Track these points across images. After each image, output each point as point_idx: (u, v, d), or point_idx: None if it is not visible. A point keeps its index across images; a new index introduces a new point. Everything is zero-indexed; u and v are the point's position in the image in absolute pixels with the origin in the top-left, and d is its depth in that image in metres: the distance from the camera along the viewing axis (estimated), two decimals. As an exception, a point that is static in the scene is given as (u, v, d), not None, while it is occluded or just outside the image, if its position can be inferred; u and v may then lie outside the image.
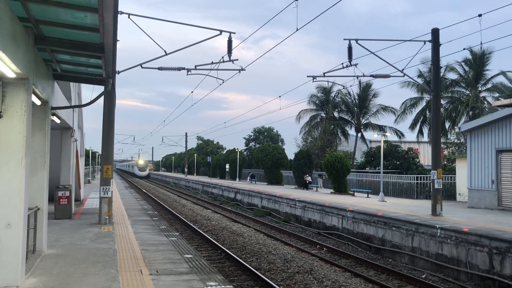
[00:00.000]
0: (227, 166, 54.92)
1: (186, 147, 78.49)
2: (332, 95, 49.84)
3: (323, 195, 27.55)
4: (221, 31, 15.41)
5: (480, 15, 15.96)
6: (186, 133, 75.10)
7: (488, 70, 37.01)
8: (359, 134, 48.30)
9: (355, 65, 17.90)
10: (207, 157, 67.60)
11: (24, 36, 7.03)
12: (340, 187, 30.41)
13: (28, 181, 7.54)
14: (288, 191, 31.58)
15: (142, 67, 16.70)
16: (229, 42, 15.87)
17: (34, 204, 9.57)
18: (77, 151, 22.58)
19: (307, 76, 20.28)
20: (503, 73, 36.79)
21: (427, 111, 39.15)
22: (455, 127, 36.54)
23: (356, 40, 17.16)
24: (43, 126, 10.02)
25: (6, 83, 7.17)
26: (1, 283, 6.98)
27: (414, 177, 28.72)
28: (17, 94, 7.23)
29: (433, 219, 15.73)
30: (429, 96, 38.09)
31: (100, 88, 13.15)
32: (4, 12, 5.79)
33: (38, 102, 9.37)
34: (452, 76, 38.96)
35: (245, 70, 18.70)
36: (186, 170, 74.46)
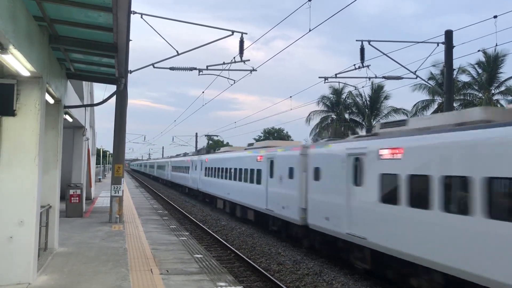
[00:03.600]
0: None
1: (196, 147, 78.68)
2: (343, 96, 49.61)
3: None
4: (233, 32, 15.44)
5: (495, 17, 15.77)
6: (196, 133, 75.35)
7: (502, 72, 36.54)
8: (370, 136, 47.95)
9: (367, 66, 17.82)
10: (216, 157, 67.55)
11: (39, 35, 7.09)
12: (350, 189, 30.11)
13: (41, 179, 7.59)
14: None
15: (154, 67, 16.80)
16: (241, 42, 15.88)
17: (46, 202, 9.64)
18: (88, 150, 22.76)
19: (319, 77, 20.20)
20: (517, 75, 36.27)
21: (439, 114, 38.75)
22: (468, 130, 36.08)
23: (369, 41, 17.08)
24: (56, 124, 10.10)
25: (20, 82, 7.23)
26: (14, 280, 7.04)
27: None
28: (31, 93, 7.29)
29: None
30: (441, 98, 37.74)
31: (112, 88, 13.23)
32: (20, 11, 5.84)
33: (51, 101, 9.45)
34: (464, 78, 38.55)
35: (256, 70, 18.69)
36: (195, 169, 74.52)
